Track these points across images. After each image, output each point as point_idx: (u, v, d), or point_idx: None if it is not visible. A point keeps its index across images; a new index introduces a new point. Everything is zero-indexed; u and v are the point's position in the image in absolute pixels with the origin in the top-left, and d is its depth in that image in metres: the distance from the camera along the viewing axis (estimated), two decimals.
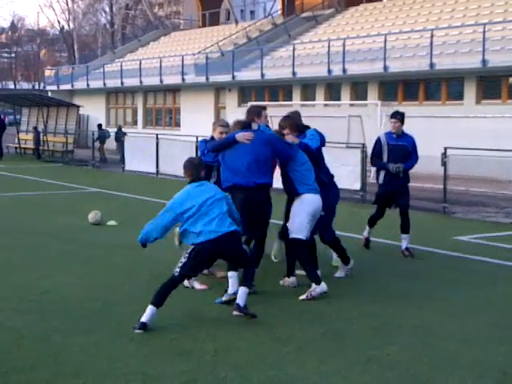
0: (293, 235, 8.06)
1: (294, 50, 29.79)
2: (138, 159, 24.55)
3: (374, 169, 13.73)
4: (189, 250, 7.02)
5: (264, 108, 8.55)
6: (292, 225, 8.09)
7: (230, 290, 7.54)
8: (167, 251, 10.21)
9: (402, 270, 9.37)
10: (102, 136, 31.52)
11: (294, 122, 8.61)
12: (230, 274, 7.60)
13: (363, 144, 17.29)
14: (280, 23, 37.95)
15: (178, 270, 6.95)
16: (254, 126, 8.11)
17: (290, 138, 8.33)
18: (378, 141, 10.57)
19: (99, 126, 33.68)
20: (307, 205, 8.01)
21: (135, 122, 41.61)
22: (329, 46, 28.06)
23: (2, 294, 8.02)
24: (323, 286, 7.86)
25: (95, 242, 11.24)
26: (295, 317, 7.17)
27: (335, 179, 8.92)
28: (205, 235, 6.89)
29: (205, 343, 6.29)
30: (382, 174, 10.44)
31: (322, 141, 8.79)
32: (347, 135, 22.86)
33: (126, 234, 11.96)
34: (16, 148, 35.94)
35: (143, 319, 6.67)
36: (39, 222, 13.25)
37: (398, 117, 10.45)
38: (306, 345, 6.28)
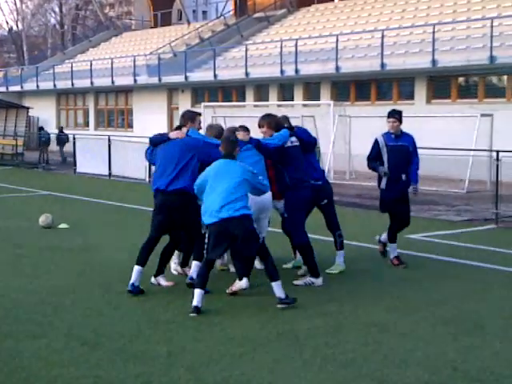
0: None
1: (246, 50, 29.80)
2: (90, 161, 24.28)
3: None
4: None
5: (199, 114, 8.70)
6: None
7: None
8: (120, 254, 10.13)
9: (356, 269, 9.41)
10: (43, 138, 31.21)
11: (272, 120, 8.65)
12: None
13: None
14: (232, 24, 37.94)
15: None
16: (183, 130, 8.22)
17: (241, 135, 8.33)
18: (376, 142, 9.66)
19: (40, 128, 33.23)
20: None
21: (87, 124, 41.17)
22: (281, 47, 28.14)
23: None
24: (243, 283, 7.99)
25: (47, 246, 11.06)
26: (250, 317, 7.15)
27: None
28: (209, 216, 7.35)
29: (158, 345, 6.23)
30: (385, 179, 9.62)
31: (307, 140, 8.79)
32: None
33: (78, 237, 11.81)
34: None
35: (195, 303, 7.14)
36: None
37: (396, 116, 9.62)
38: (261, 345, 6.26)
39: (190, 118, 8.44)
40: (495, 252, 10.72)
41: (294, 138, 8.60)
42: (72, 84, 39.42)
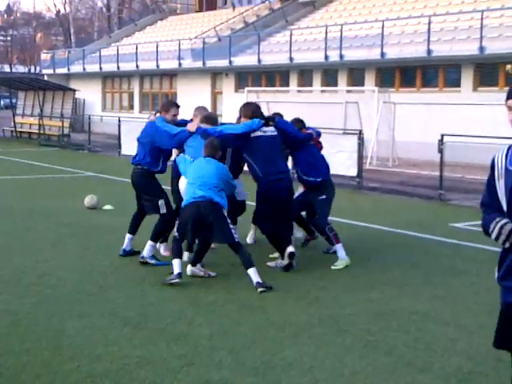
0: None
1: (291, 35, 29.67)
2: (135, 144, 24.43)
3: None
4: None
5: (178, 106, 9.44)
6: None
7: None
8: None
9: (398, 257, 9.37)
10: None
11: (248, 109, 8.68)
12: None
13: (360, 130, 17.27)
14: (277, 8, 37.70)
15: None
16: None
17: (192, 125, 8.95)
18: (492, 166, 4.42)
19: None
20: None
21: (131, 107, 41.48)
22: (326, 32, 27.95)
23: None
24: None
25: (91, 226, 11.22)
26: (292, 303, 7.17)
27: (331, 165, 9.06)
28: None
29: (201, 327, 6.29)
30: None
31: (289, 131, 8.80)
32: (344, 121, 22.84)
33: (123, 218, 11.92)
34: (12, 131, 35.84)
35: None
36: (35, 206, 13.21)
37: None
38: (302, 330, 6.27)
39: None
40: None
41: (270, 129, 8.47)
42: (118, 67, 39.76)
